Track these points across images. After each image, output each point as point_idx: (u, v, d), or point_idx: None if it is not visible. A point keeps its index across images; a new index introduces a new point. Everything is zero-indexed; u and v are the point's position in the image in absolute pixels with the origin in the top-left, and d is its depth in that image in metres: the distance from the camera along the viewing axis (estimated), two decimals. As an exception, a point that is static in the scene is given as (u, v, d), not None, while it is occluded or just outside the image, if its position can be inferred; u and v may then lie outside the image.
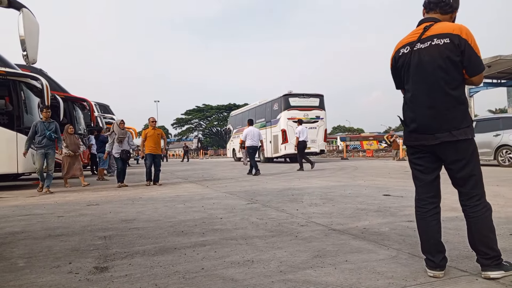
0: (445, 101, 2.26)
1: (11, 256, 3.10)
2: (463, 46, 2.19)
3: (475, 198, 2.29)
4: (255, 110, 23.73)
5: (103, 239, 3.63)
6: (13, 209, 5.83)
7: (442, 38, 2.25)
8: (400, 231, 3.61)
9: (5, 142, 8.82)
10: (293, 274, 2.48)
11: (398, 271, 2.47)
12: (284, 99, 19.75)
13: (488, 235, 2.27)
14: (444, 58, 2.24)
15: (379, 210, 4.79)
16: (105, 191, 8.57)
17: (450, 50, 2.22)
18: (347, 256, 2.85)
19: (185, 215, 4.90)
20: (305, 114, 19.09)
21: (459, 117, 2.24)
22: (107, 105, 23.95)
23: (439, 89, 2.27)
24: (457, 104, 2.25)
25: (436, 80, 2.28)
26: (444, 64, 2.25)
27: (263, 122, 21.73)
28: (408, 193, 6.37)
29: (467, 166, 2.27)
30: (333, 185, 8.25)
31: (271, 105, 21.13)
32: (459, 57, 2.21)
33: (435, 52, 2.28)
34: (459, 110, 2.25)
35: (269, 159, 21.33)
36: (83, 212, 5.34)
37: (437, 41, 2.27)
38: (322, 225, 3.98)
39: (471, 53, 2.20)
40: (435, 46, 2.28)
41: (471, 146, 2.28)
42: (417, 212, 2.49)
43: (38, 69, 12.15)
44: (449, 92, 2.25)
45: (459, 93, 2.26)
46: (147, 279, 2.46)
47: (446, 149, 2.29)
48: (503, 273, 2.26)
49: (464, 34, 2.20)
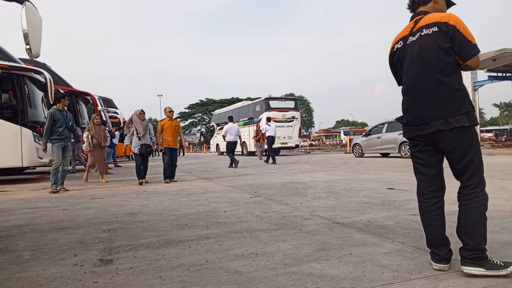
0: (440, 89, 2.23)
1: (16, 249, 3.12)
2: (452, 31, 2.18)
3: (469, 187, 2.25)
4: (239, 110, 26.84)
5: (107, 232, 3.64)
6: (18, 203, 5.86)
7: (431, 27, 2.26)
8: (405, 225, 3.60)
9: (10, 136, 8.85)
10: (297, 267, 2.48)
11: (403, 264, 2.47)
12: (265, 101, 23.06)
13: (473, 227, 2.21)
14: (434, 46, 2.24)
15: (383, 204, 4.78)
16: (109, 184, 8.60)
17: (439, 38, 2.22)
18: (351, 249, 2.84)
19: (189, 208, 4.91)
20: (283, 115, 22.66)
21: (455, 104, 2.20)
22: (110, 99, 23.97)
23: (432, 78, 2.25)
24: (453, 91, 2.21)
25: (428, 69, 2.27)
26: (434, 53, 2.24)
27: (247, 121, 24.73)
28: (412, 186, 6.34)
29: (466, 155, 2.23)
30: (336, 178, 8.23)
31: (254, 106, 24.47)
32: (449, 43, 2.20)
33: (425, 42, 2.28)
34: (455, 97, 2.21)
35: (251, 152, 24.06)
36: (88, 206, 5.36)
37: (426, 31, 2.28)
38: (326, 219, 3.98)
39: (461, 38, 2.17)
40: (424, 36, 2.29)
41: (470, 133, 2.23)
42: (421, 206, 2.47)
43: (42, 63, 12.14)
44: (442, 80, 2.22)
45: (454, 80, 2.22)
46: (152, 271, 2.46)
47: (443, 137, 2.26)
48: (483, 271, 2.16)
49: (452, 21, 2.19)
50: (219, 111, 33.17)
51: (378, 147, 17.10)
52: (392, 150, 16.28)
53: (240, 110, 26.52)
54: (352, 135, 49.85)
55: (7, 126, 8.83)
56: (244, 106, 26.53)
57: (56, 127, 7.36)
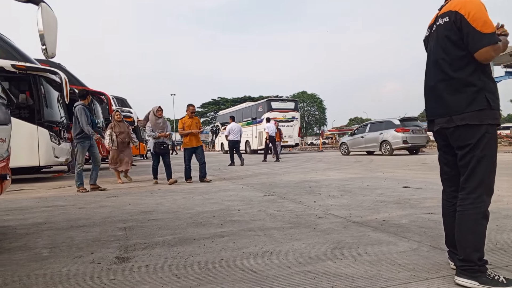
0: (448, 84, 2.12)
1: (35, 246, 3.18)
2: (459, 22, 2.04)
3: (465, 191, 2.10)
4: (242, 110, 28.32)
5: (123, 230, 3.68)
6: (36, 201, 5.97)
7: (444, 17, 2.14)
8: (421, 223, 3.56)
9: (27, 136, 9.01)
10: (312, 265, 2.47)
11: (420, 264, 2.44)
12: (267, 102, 24.68)
13: (465, 236, 2.08)
14: (444, 38, 2.13)
15: (399, 202, 4.73)
16: (125, 183, 8.69)
17: (448, 29, 2.10)
18: (366, 248, 2.82)
19: (203, 206, 4.93)
20: (283, 115, 23.98)
21: (463, 101, 2.05)
22: (124, 99, 24.22)
23: (440, 72, 2.16)
24: (462, 87, 2.06)
25: (438, 62, 2.18)
26: (444, 45, 2.13)
27: (250, 121, 26.11)
28: (428, 185, 6.28)
29: (469, 154, 2.07)
30: (350, 177, 8.18)
31: (257, 107, 26.00)
32: (457, 35, 2.06)
33: (438, 33, 2.18)
34: (464, 93, 2.05)
35: (254, 151, 25.43)
36: (103, 204, 5.43)
37: (440, 21, 2.17)
38: (341, 217, 3.96)
39: (468, 28, 2.00)
40: (438, 27, 2.19)
41: (477, 132, 2.04)
42: (442, 205, 2.41)
43: (57, 63, 12.33)
44: (451, 75, 2.10)
45: (464, 75, 2.06)
46: (168, 269, 2.48)
47: (449, 135, 2.16)
48: (476, 285, 1.99)
49: (462, 9, 2.02)
50: (223, 111, 34.64)
51: (362, 146, 18.32)
52: (374, 148, 17.64)
53: (244, 111, 27.96)
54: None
55: (24, 126, 8.98)
56: (247, 107, 28.07)
57: None
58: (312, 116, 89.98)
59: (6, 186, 3.51)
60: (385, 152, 16.85)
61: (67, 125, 10.95)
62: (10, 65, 8.73)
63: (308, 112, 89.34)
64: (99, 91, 14.92)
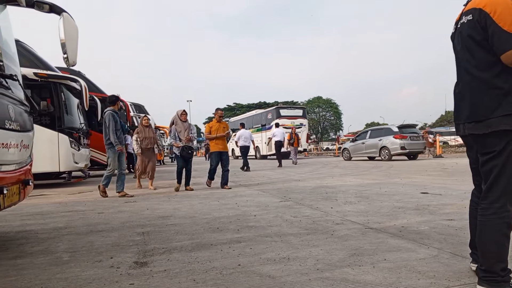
0: (472, 87, 1.99)
1: (56, 250, 3.24)
2: (483, 21, 1.88)
3: (487, 200, 2.00)
4: (252, 117, 29.69)
5: (141, 235, 3.72)
6: (56, 206, 6.09)
7: (467, 15, 1.99)
8: (441, 230, 3.50)
9: (48, 142, 9.22)
10: (330, 272, 2.45)
11: (440, 271, 2.39)
12: (276, 110, 25.91)
13: (488, 246, 1.99)
14: (467, 38, 2.00)
15: (417, 209, 4.66)
16: (142, 189, 8.79)
17: (472, 28, 1.96)
18: (385, 255, 2.79)
19: (219, 212, 4.95)
20: (292, 122, 24.68)
21: (488, 106, 1.91)
22: (142, 105, 24.54)
23: (465, 74, 2.04)
24: (487, 90, 1.92)
25: (463, 63, 2.06)
26: (468, 45, 2.00)
27: (260, 127, 27.36)
28: (447, 191, 6.17)
29: (492, 161, 1.96)
30: (368, 183, 8.09)
31: (266, 114, 27.13)
32: (481, 35, 1.92)
33: (462, 32, 2.05)
34: (488, 96, 1.91)
35: (264, 156, 26.76)
36: (122, 209, 5.51)
37: (464, 19, 2.02)
38: (358, 224, 3.92)
39: (493, 28, 1.84)
40: (462, 25, 2.05)
41: (503, 139, 1.90)
42: (470, 206, 2.32)
43: (77, 71, 12.63)
44: (476, 75, 1.97)
45: (490, 76, 1.91)
46: (185, 274, 2.50)
47: (474, 140, 2.06)
48: None
49: (487, 7, 1.87)
50: (234, 118, 36.47)
51: (363, 151, 19.00)
52: (374, 154, 18.39)
53: (254, 118, 29.37)
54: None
55: (45, 132, 9.20)
56: (257, 114, 29.39)
57: (115, 129, 7.11)
58: (328, 121, 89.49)
59: (28, 191, 3.60)
60: (384, 157, 17.65)
61: (87, 131, 11.17)
62: (32, 73, 8.98)
63: (323, 117, 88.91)
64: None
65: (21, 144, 3.29)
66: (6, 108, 2.95)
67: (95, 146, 12.85)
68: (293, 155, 18.16)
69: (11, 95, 3.12)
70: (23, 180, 3.37)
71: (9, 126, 2.98)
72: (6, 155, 2.95)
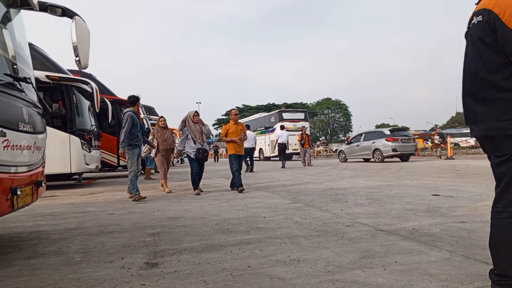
0: (482, 88, 1.93)
1: (68, 251, 3.28)
2: (493, 22, 1.82)
3: (501, 203, 1.94)
4: (256, 120, 31.05)
5: (152, 236, 3.75)
6: (68, 207, 6.16)
7: (478, 16, 1.92)
8: (452, 232, 3.46)
9: (59, 144, 9.32)
10: (341, 274, 2.44)
11: (453, 274, 2.37)
12: (279, 113, 27.19)
13: (501, 251, 1.93)
14: (476, 40, 1.93)
15: (428, 211, 4.61)
16: (152, 190, 8.85)
17: (481, 29, 1.89)
18: (396, 257, 2.77)
19: (229, 213, 4.96)
20: (294, 125, 25.65)
21: (498, 108, 1.86)
22: (152, 107, 24.71)
23: (475, 75, 1.97)
24: (496, 92, 1.87)
25: (472, 64, 1.99)
26: (477, 46, 1.94)
27: (263, 130, 28.61)
28: (458, 193, 6.10)
29: (505, 164, 1.90)
30: (378, 184, 8.04)
31: (269, 117, 28.53)
32: (490, 37, 1.85)
33: (472, 33, 1.98)
34: (499, 98, 1.86)
35: (267, 157, 28.01)
36: (132, 210, 5.55)
37: (474, 20, 1.96)
38: (369, 226, 3.90)
39: (503, 29, 1.78)
40: (472, 26, 1.98)
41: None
42: None
43: (88, 73, 12.75)
44: (485, 77, 1.91)
45: (500, 78, 1.85)
46: (196, 275, 2.51)
47: (485, 143, 2.01)
48: None
49: (497, 7, 1.80)
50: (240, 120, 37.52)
51: (358, 153, 19.97)
52: (368, 156, 19.35)
53: (258, 121, 30.70)
54: (393, 140, 48.30)
55: (57, 134, 9.29)
56: (261, 117, 30.89)
57: (135, 130, 6.96)
58: (337, 122, 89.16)
59: (41, 192, 3.65)
60: (377, 159, 18.64)
61: (97, 133, 11.28)
62: (44, 75, 9.11)
63: (333, 119, 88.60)
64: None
65: (34, 146, 3.34)
66: (20, 110, 3.00)
67: (106, 148, 12.97)
68: (303, 156, 17.97)
69: (25, 98, 3.17)
70: (36, 181, 3.42)
71: (23, 128, 3.03)
72: (19, 156, 3.00)
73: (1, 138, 2.64)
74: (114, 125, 13.84)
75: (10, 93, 2.86)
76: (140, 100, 7.37)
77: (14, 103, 2.92)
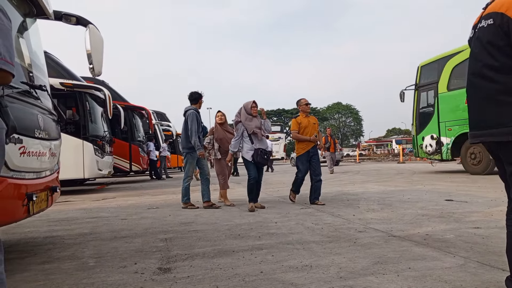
0: (492, 93, 1.87)
1: (82, 256, 3.32)
2: (506, 26, 1.76)
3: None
4: None
5: (164, 241, 3.77)
6: (81, 212, 6.24)
7: (487, 19, 1.88)
8: (467, 238, 3.41)
9: (73, 150, 9.45)
10: (353, 280, 2.42)
11: (467, 280, 2.33)
12: None
13: None
14: (486, 44, 1.88)
15: (442, 216, 4.56)
16: (164, 195, 8.91)
17: (492, 33, 1.84)
18: (410, 263, 2.74)
19: (240, 218, 4.97)
20: (271, 136, 29.21)
21: (507, 112, 1.81)
22: (163, 113, 24.98)
23: (483, 79, 1.91)
24: (509, 96, 1.81)
25: (480, 68, 1.93)
26: (488, 50, 1.87)
27: None
28: (472, 198, 6.01)
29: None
30: (390, 189, 7.97)
31: None
32: (503, 40, 1.79)
33: (480, 37, 1.93)
34: (507, 104, 1.81)
35: None
36: (144, 215, 5.59)
37: (483, 23, 1.91)
38: (381, 231, 3.87)
39: None
40: (480, 29, 1.93)
41: None
42: None
43: (101, 80, 12.94)
44: (496, 80, 1.85)
45: (510, 80, 1.80)
46: (209, 281, 2.52)
47: (496, 148, 1.95)
48: None
49: (509, 11, 1.75)
50: None
51: None
52: None
53: None
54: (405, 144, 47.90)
55: (71, 140, 9.43)
56: None
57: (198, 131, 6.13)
58: (348, 127, 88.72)
59: (55, 198, 3.70)
60: None
61: (110, 139, 11.42)
62: (58, 83, 9.27)
63: (343, 123, 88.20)
64: (140, 106, 15.47)
65: (50, 152, 3.40)
66: (36, 117, 3.06)
67: (118, 153, 13.11)
68: (329, 162, 15.86)
69: (41, 105, 3.24)
70: (51, 187, 3.48)
71: (39, 135, 3.08)
72: (35, 163, 3.05)
73: (18, 145, 2.70)
74: (126, 131, 14.00)
75: (27, 100, 2.92)
76: (203, 97, 6.47)
77: (30, 111, 2.98)
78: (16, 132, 2.33)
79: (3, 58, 1.58)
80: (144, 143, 15.69)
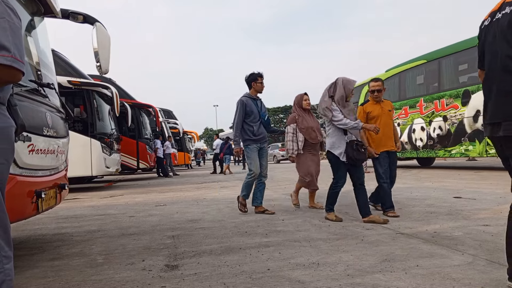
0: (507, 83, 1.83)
1: (90, 253, 3.34)
2: None
3: None
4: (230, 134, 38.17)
5: (171, 238, 3.79)
6: (89, 209, 6.29)
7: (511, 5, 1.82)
8: (475, 236, 3.38)
9: (81, 147, 9.52)
10: (361, 278, 2.42)
11: (476, 278, 2.31)
12: None
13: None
14: (509, 29, 1.82)
15: (450, 213, 4.52)
16: (171, 192, 8.95)
17: None
18: (417, 261, 2.72)
19: (247, 216, 4.97)
20: None
21: None
22: (170, 111, 25.06)
23: (504, 68, 1.85)
24: None
25: (500, 58, 1.87)
26: (510, 38, 1.82)
27: None
28: (481, 195, 5.96)
29: None
30: (398, 187, 7.89)
31: None
32: None
33: (503, 23, 1.86)
34: None
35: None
36: (152, 213, 5.62)
37: (507, 9, 1.84)
38: (389, 229, 3.85)
39: None
40: (504, 16, 1.86)
41: None
42: None
43: (108, 78, 13.01)
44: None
45: None
46: (216, 278, 2.53)
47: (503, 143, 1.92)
48: None
49: None
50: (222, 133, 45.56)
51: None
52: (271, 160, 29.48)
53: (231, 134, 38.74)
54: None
55: (78, 138, 9.50)
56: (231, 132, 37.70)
57: (248, 120, 5.21)
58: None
59: (64, 195, 3.74)
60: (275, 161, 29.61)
61: (117, 136, 11.48)
62: (66, 81, 9.32)
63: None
64: (147, 104, 15.52)
65: (58, 150, 3.42)
66: (44, 115, 3.08)
67: (126, 151, 13.19)
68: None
69: (49, 103, 3.26)
70: (59, 184, 3.50)
71: (47, 133, 3.11)
72: (44, 160, 3.08)
73: (26, 142, 2.72)
74: (133, 129, 14.07)
75: (35, 98, 2.94)
76: (260, 77, 5.30)
77: (39, 109, 3.00)
78: (25, 130, 2.34)
79: (13, 56, 1.59)
80: (151, 140, 15.76)
